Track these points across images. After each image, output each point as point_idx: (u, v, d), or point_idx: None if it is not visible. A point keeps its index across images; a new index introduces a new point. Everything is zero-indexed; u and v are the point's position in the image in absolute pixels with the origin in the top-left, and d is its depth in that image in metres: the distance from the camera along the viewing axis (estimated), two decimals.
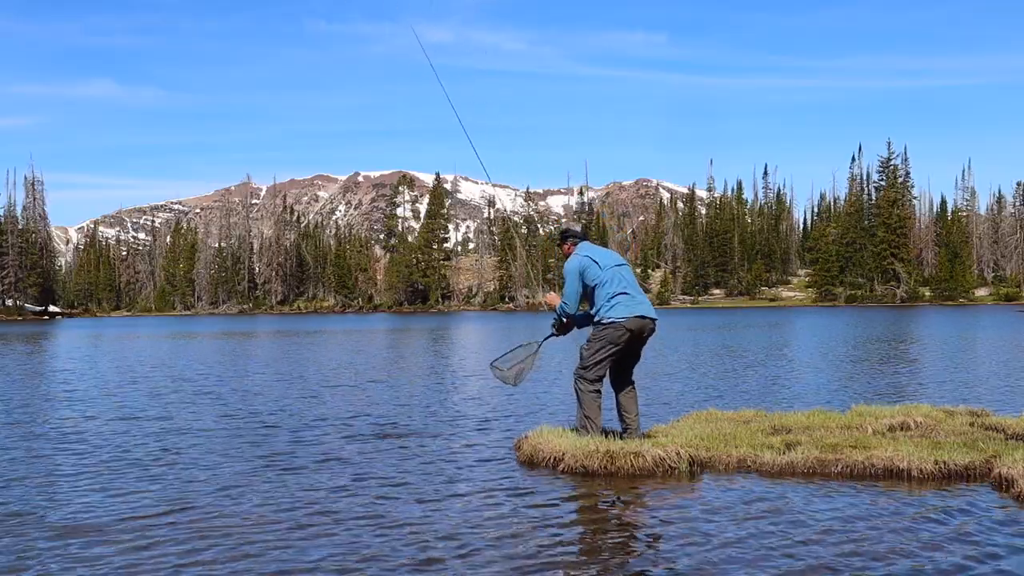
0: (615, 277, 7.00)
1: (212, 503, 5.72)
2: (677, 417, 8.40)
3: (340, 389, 12.78)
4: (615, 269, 7.05)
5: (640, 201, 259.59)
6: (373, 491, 6.00)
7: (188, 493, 6.01)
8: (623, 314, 6.87)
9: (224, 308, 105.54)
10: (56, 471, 6.86)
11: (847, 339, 25.24)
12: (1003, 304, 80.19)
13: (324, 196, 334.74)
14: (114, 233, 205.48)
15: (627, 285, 7.00)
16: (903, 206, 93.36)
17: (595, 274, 6.98)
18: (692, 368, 15.75)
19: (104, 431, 8.87)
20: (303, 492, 6.00)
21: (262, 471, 6.73)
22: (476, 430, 8.58)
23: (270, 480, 6.40)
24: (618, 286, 6.95)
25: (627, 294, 6.94)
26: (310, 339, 31.33)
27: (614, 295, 6.91)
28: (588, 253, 7.13)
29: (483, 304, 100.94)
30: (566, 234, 7.46)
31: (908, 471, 6.07)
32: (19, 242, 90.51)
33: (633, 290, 7.02)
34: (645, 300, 7.08)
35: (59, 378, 15.57)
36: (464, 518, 5.30)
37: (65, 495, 6.02)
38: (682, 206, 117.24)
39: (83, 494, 6.03)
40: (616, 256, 7.29)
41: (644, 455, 6.34)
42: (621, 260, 7.26)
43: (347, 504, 5.66)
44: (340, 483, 6.27)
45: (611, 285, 6.95)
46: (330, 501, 5.74)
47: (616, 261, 7.16)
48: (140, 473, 6.72)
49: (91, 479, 6.53)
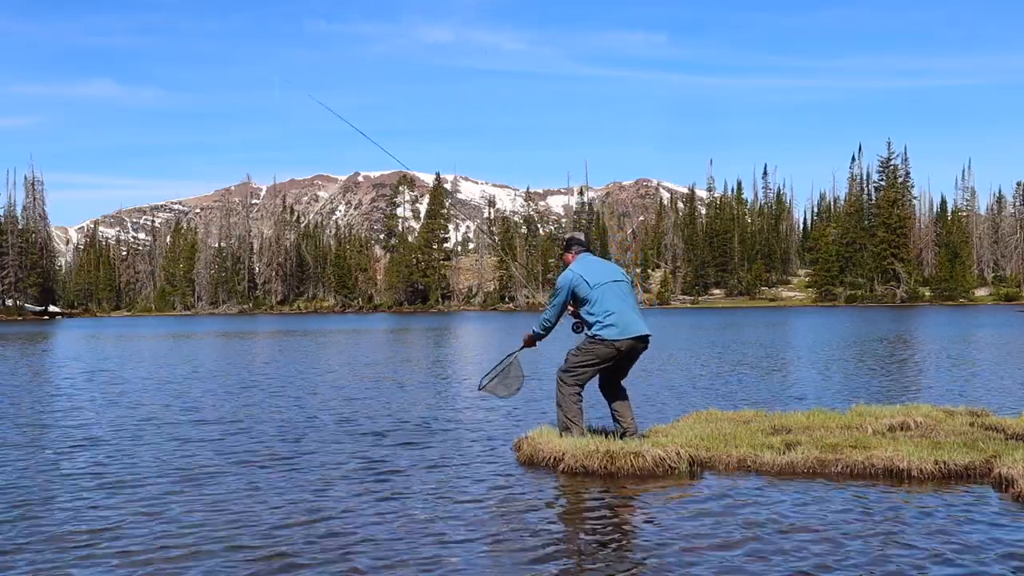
0: (607, 294, 6.90)
1: (215, 502, 5.73)
2: (677, 417, 8.41)
3: (340, 389, 12.78)
4: (609, 286, 6.96)
5: (640, 201, 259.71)
6: (373, 491, 6.00)
7: (190, 494, 6.02)
8: (615, 336, 6.82)
9: (224, 308, 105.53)
10: (58, 472, 6.86)
11: (847, 339, 25.24)
12: (1003, 304, 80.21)
13: (324, 196, 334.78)
14: (114, 233, 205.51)
15: (620, 303, 6.90)
16: (903, 206, 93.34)
17: (584, 292, 6.95)
18: (692, 368, 15.74)
19: (109, 433, 8.87)
20: (302, 492, 6.00)
21: (261, 471, 6.73)
22: (476, 430, 8.58)
23: (269, 480, 6.41)
24: (610, 304, 6.87)
25: (619, 313, 6.85)
26: (311, 339, 31.33)
27: (607, 313, 6.85)
28: (581, 271, 7.04)
29: (483, 304, 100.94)
30: (570, 243, 7.41)
31: (908, 471, 6.07)
32: (19, 242, 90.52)
33: (627, 307, 6.92)
34: (639, 318, 6.98)
35: (64, 378, 15.57)
36: (464, 518, 5.30)
37: (71, 497, 6.02)
38: (682, 206, 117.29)
39: (98, 498, 6.03)
40: (613, 270, 7.19)
41: (644, 455, 6.34)
42: (618, 275, 7.14)
43: (346, 504, 5.65)
44: (340, 483, 6.27)
45: (602, 303, 6.88)
46: (329, 500, 5.74)
47: (612, 276, 7.06)
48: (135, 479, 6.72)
49: (103, 483, 6.53)
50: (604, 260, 7.43)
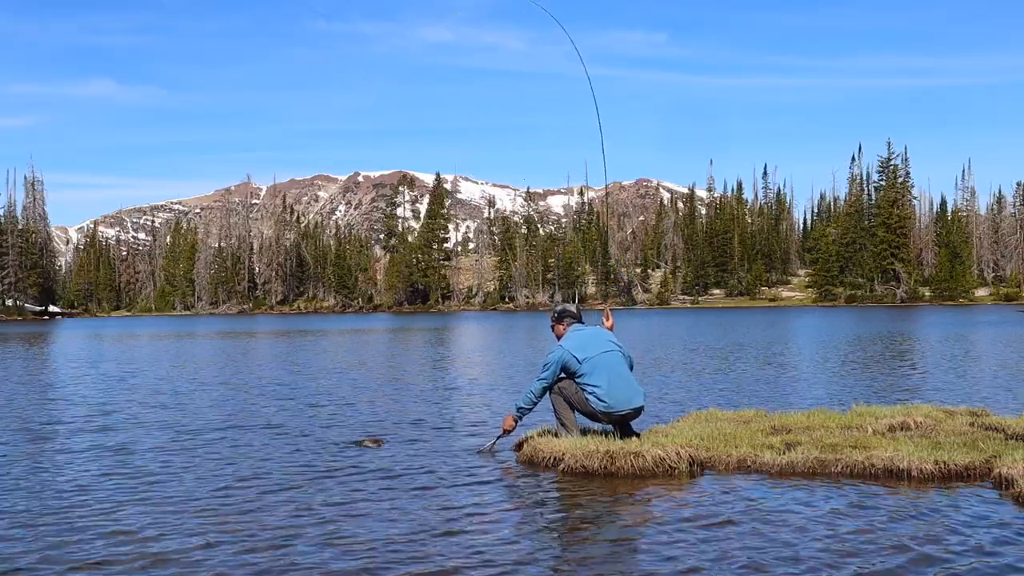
0: (597, 367, 6.90)
1: (218, 504, 5.73)
2: (677, 417, 8.41)
3: (340, 389, 12.78)
4: (599, 357, 6.94)
5: (640, 201, 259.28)
6: (373, 491, 6.00)
7: (194, 492, 6.02)
8: (604, 410, 6.87)
9: (224, 308, 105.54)
10: (65, 475, 6.86)
11: (847, 339, 25.24)
12: (1003, 304, 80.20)
13: (324, 196, 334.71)
14: (114, 233, 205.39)
15: (610, 374, 6.89)
16: (903, 206, 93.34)
17: (575, 367, 6.96)
18: (692, 368, 15.75)
19: (114, 435, 8.87)
20: (301, 492, 6.00)
21: (259, 470, 6.73)
22: (476, 430, 8.58)
23: (267, 479, 6.41)
24: (600, 378, 6.87)
25: (608, 387, 6.83)
26: (311, 340, 31.34)
27: (596, 387, 6.85)
28: (570, 346, 7.03)
29: (483, 304, 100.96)
30: (562, 314, 7.48)
31: (908, 471, 6.07)
32: (19, 242, 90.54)
33: (617, 379, 6.91)
34: (629, 387, 6.96)
35: (68, 380, 15.56)
36: (464, 518, 5.30)
37: (82, 499, 6.03)
38: (682, 206, 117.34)
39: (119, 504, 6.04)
40: (605, 340, 7.14)
41: (644, 455, 6.34)
42: (609, 345, 7.10)
43: (345, 504, 5.65)
44: (340, 483, 6.27)
45: (592, 376, 6.88)
46: (327, 501, 5.73)
47: (603, 347, 7.03)
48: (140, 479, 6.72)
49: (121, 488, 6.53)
50: (596, 329, 7.36)
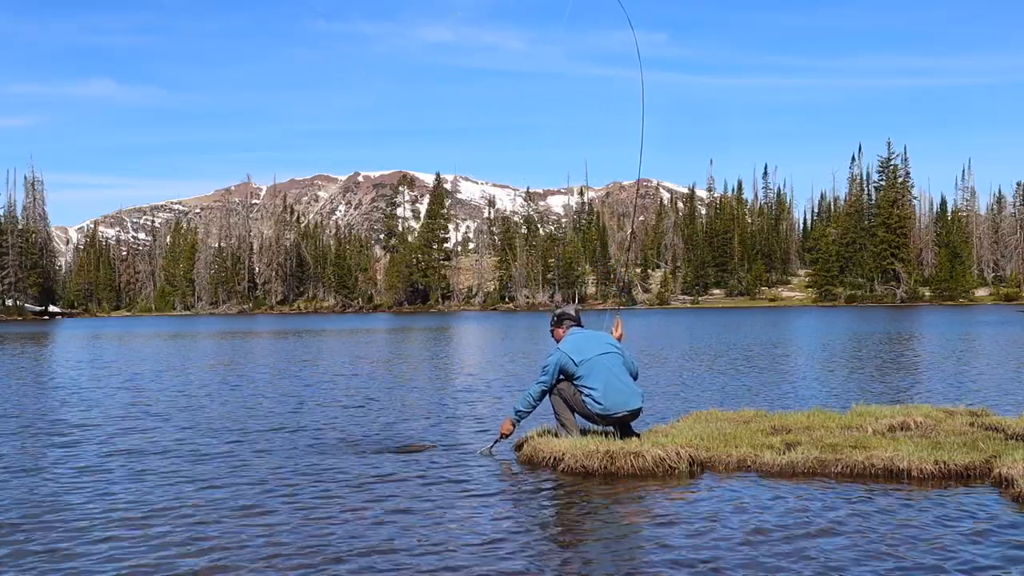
0: (595, 369, 6.88)
1: (222, 502, 5.73)
2: (677, 417, 8.41)
3: (341, 389, 12.79)
4: (597, 359, 6.93)
5: (640, 201, 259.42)
6: (374, 490, 6.00)
7: (199, 493, 6.02)
8: (600, 412, 6.87)
9: (224, 308, 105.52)
10: (68, 477, 6.87)
11: (847, 339, 25.24)
12: (1003, 304, 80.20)
13: (324, 196, 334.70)
14: (114, 233, 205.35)
15: (607, 376, 6.88)
16: (903, 206, 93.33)
17: (572, 369, 6.96)
18: (692, 368, 15.75)
19: (116, 436, 8.88)
20: (300, 492, 6.00)
21: (260, 469, 6.74)
22: (476, 430, 8.59)
23: (267, 480, 6.41)
24: (596, 380, 6.85)
25: (605, 389, 6.82)
26: (312, 339, 31.34)
27: (593, 389, 6.84)
28: (568, 348, 7.02)
29: (483, 304, 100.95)
30: (561, 318, 7.46)
31: (908, 471, 6.07)
32: (19, 242, 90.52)
33: (615, 380, 6.89)
34: (626, 389, 6.95)
35: (70, 381, 15.56)
36: (464, 518, 5.30)
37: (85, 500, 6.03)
38: (682, 206, 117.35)
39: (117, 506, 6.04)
40: (603, 342, 7.12)
41: (644, 455, 6.35)
42: (608, 347, 7.08)
43: (346, 503, 5.66)
44: (341, 483, 6.27)
45: (589, 378, 6.87)
46: (327, 501, 5.74)
47: (601, 349, 7.02)
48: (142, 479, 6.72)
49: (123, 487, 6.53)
50: (594, 332, 7.35)
